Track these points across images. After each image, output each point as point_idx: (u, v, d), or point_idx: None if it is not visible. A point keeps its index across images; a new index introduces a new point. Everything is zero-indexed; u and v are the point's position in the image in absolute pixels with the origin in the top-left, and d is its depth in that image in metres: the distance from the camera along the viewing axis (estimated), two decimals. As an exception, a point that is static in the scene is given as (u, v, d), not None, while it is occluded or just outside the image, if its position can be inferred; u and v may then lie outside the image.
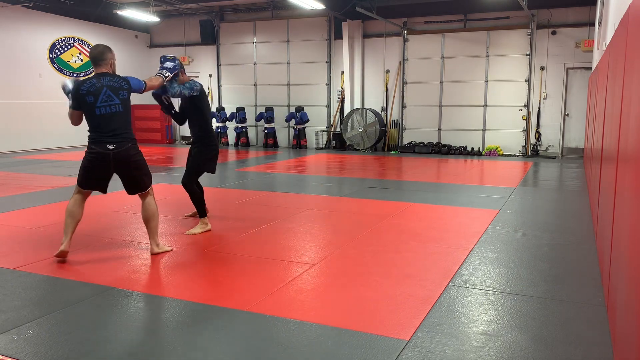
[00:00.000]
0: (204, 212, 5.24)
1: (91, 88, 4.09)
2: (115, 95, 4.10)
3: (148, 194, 4.37)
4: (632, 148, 2.31)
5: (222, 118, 15.75)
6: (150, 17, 14.00)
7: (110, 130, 4.09)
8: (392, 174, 9.91)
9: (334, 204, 6.83)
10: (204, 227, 5.19)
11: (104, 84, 4.10)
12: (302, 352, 2.71)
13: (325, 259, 4.31)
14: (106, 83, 4.10)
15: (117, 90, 4.12)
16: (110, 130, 4.09)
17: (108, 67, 4.22)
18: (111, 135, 4.09)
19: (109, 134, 4.09)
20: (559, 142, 13.17)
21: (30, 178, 8.95)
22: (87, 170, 4.20)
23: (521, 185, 8.41)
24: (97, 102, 4.06)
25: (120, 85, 4.14)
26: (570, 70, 12.89)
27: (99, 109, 4.07)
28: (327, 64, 15.05)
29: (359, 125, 14.19)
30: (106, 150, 4.08)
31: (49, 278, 3.85)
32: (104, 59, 4.19)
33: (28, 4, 13.19)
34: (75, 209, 4.24)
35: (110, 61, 4.24)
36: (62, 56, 14.63)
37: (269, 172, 10.14)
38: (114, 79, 4.15)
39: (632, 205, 2.21)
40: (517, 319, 3.14)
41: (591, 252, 4.52)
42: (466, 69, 13.69)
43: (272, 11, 15.46)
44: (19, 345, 2.77)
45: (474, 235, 5.07)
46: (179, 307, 3.34)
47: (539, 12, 12.78)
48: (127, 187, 4.34)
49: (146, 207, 4.35)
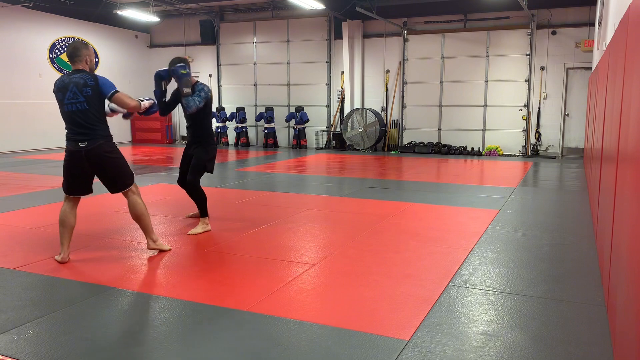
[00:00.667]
0: (206, 212, 5.24)
1: (60, 85, 4.08)
2: (80, 92, 4.02)
3: (132, 193, 4.28)
4: (632, 148, 2.31)
5: (222, 118, 15.76)
6: (150, 17, 14.00)
7: (79, 127, 4.04)
8: (392, 174, 9.91)
9: (334, 204, 6.83)
10: (205, 227, 5.19)
11: (71, 81, 4.05)
12: (302, 352, 2.71)
13: (325, 259, 4.31)
14: (74, 80, 4.05)
15: (82, 87, 4.02)
16: (80, 127, 4.04)
17: (84, 64, 4.15)
18: (81, 133, 4.04)
19: (79, 132, 4.04)
20: (559, 142, 13.17)
21: (30, 178, 8.95)
22: (67, 172, 4.18)
23: (521, 185, 8.41)
24: (65, 98, 4.04)
25: (85, 81, 4.04)
26: (570, 70, 12.89)
27: (67, 106, 4.05)
28: (327, 64, 15.06)
29: (359, 125, 14.19)
30: (78, 148, 4.05)
31: (48, 278, 3.85)
32: (78, 55, 4.13)
33: (28, 4, 13.19)
34: (66, 217, 4.22)
35: (86, 58, 4.16)
36: (62, 56, 14.62)
37: (269, 172, 10.14)
38: (83, 76, 4.07)
39: (632, 205, 2.21)
40: (517, 319, 3.14)
41: (591, 252, 4.52)
42: (466, 69, 13.69)
43: (272, 11, 15.46)
44: (19, 345, 2.77)
45: (474, 235, 5.07)
46: (178, 307, 3.34)
47: (539, 12, 12.78)
48: (107, 186, 4.28)
49: (132, 206, 4.29)
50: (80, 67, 4.15)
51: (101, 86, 4.09)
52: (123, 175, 4.25)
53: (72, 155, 4.10)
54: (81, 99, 4.02)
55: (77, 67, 4.15)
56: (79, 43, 4.23)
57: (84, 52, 4.16)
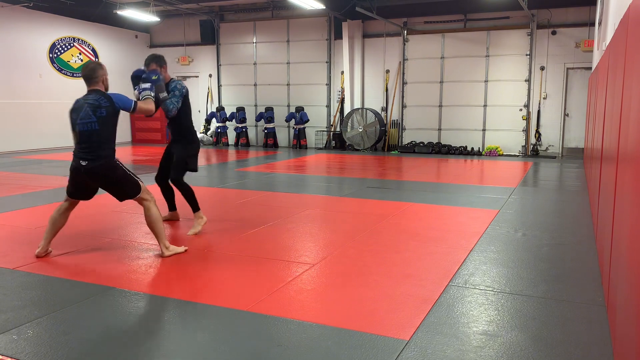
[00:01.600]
0: (197, 206, 5.22)
1: (76, 105, 4.16)
2: (93, 113, 4.08)
3: (143, 200, 4.32)
4: (632, 148, 2.31)
5: (222, 118, 15.75)
6: (150, 17, 14.00)
7: (85, 147, 4.12)
8: (392, 174, 9.91)
9: (334, 204, 6.83)
10: (201, 220, 5.19)
11: (86, 102, 4.12)
12: (302, 352, 2.71)
13: (325, 259, 4.31)
14: (89, 101, 4.11)
15: (96, 109, 4.08)
16: (85, 146, 4.12)
17: (99, 84, 4.20)
18: (85, 152, 4.12)
19: (84, 150, 4.13)
20: (559, 142, 13.17)
21: (30, 178, 8.95)
22: (71, 179, 4.30)
23: (521, 185, 8.41)
24: (78, 118, 4.11)
25: (100, 103, 4.10)
26: (570, 70, 12.89)
27: (79, 126, 4.12)
28: (327, 64, 15.06)
29: (359, 125, 14.19)
30: (79, 165, 4.14)
31: (48, 278, 3.85)
32: (95, 76, 4.18)
33: (28, 4, 13.19)
34: (58, 216, 4.35)
35: (102, 77, 4.22)
36: (62, 56, 14.63)
37: (269, 172, 10.14)
38: (97, 97, 4.12)
39: (632, 205, 2.21)
40: (517, 319, 3.14)
41: (591, 252, 4.52)
42: (466, 69, 13.69)
43: (272, 11, 15.46)
44: (19, 345, 2.77)
45: (474, 235, 5.07)
46: (179, 306, 3.34)
47: (539, 12, 12.78)
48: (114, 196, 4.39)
49: (146, 214, 4.35)
50: (95, 88, 4.20)
51: (118, 104, 4.17)
52: (127, 187, 4.29)
53: (75, 170, 4.22)
54: (93, 119, 4.09)
55: (92, 87, 4.20)
56: (95, 64, 4.26)
57: (99, 72, 4.21)
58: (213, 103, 16.66)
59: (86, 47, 15.26)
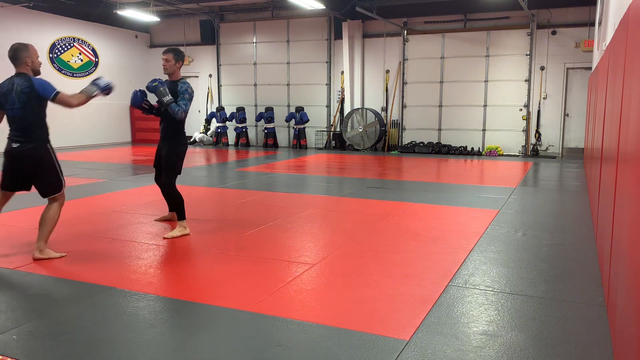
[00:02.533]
0: (183, 215, 5.08)
1: (3, 88, 4.14)
2: (17, 99, 4.08)
3: (55, 201, 4.29)
4: (632, 148, 2.31)
5: (222, 118, 15.75)
6: (150, 17, 14.00)
7: (16, 130, 4.14)
8: (392, 174, 9.91)
9: (334, 204, 6.83)
10: (183, 230, 5.02)
11: (12, 86, 4.10)
12: (302, 352, 2.71)
13: (325, 259, 4.31)
14: (15, 85, 4.10)
15: (19, 94, 4.08)
16: (16, 130, 4.13)
17: (25, 67, 4.16)
18: (16, 135, 4.13)
19: (15, 134, 4.14)
20: (559, 142, 13.17)
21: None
22: (4, 169, 4.27)
23: (521, 185, 8.41)
24: (7, 103, 4.12)
25: (22, 88, 4.08)
26: (570, 70, 12.89)
27: (9, 111, 4.13)
28: (327, 64, 15.06)
29: (359, 125, 14.19)
30: (10, 148, 4.14)
31: (48, 278, 3.85)
32: (18, 57, 4.13)
33: (28, 4, 13.19)
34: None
35: (27, 60, 4.15)
36: (62, 56, 14.63)
37: (269, 172, 10.14)
38: (22, 82, 4.10)
39: (632, 205, 2.21)
40: (517, 319, 3.14)
41: (591, 252, 4.52)
42: (466, 69, 13.69)
43: (272, 11, 15.46)
44: (19, 345, 2.77)
45: (474, 235, 5.07)
46: (178, 307, 3.34)
47: (539, 12, 12.78)
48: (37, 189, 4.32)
49: (46, 209, 4.28)
50: (22, 71, 4.16)
51: (38, 90, 4.11)
52: (52, 179, 4.24)
53: (7, 154, 4.20)
54: (17, 105, 4.09)
55: (19, 70, 4.17)
56: (19, 45, 4.19)
57: (23, 54, 4.14)
58: (213, 103, 16.66)
59: (86, 47, 15.26)
